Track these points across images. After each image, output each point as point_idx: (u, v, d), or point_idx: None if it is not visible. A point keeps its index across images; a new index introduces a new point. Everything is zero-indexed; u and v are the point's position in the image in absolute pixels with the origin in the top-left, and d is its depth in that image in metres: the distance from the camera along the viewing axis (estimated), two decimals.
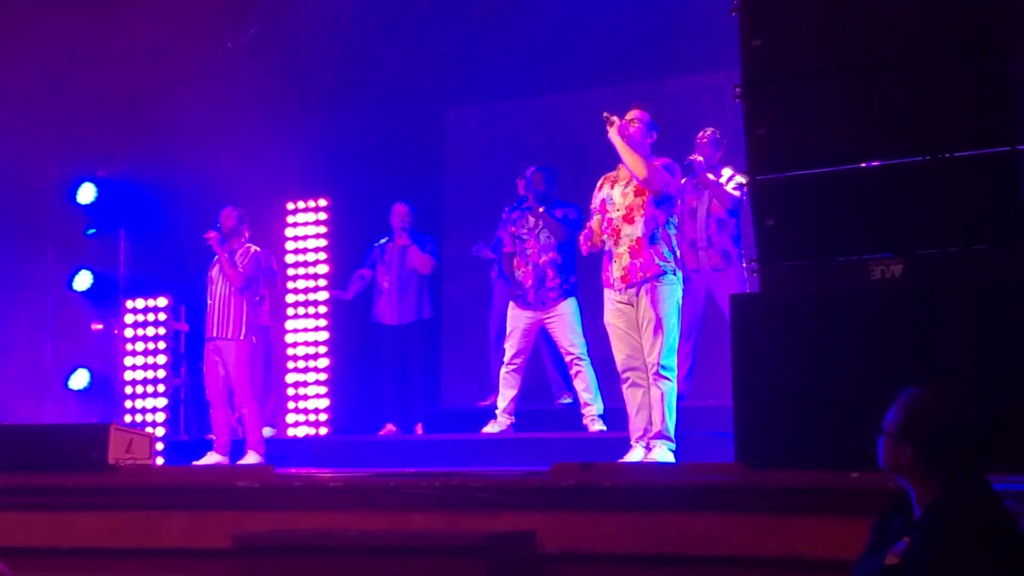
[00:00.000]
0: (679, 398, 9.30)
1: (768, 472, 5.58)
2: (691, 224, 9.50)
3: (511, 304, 9.47)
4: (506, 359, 9.37)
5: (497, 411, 9.32)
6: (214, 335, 9.86)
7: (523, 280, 9.33)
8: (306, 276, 11.53)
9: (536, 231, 9.36)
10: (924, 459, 3.79)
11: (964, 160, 5.60)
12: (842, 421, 5.43)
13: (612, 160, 7.93)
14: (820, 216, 5.94)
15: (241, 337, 9.82)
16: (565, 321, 9.22)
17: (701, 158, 9.39)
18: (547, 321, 9.29)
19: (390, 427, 10.40)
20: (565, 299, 9.24)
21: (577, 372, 9.16)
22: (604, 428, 8.99)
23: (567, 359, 9.28)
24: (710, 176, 9.38)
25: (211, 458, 9.66)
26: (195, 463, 9.60)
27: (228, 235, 9.98)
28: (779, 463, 5.61)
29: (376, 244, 10.73)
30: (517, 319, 9.37)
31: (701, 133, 9.63)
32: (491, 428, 9.30)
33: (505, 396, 9.33)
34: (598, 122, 7.82)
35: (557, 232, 9.23)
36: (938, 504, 3.75)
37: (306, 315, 11.53)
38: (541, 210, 9.30)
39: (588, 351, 9.19)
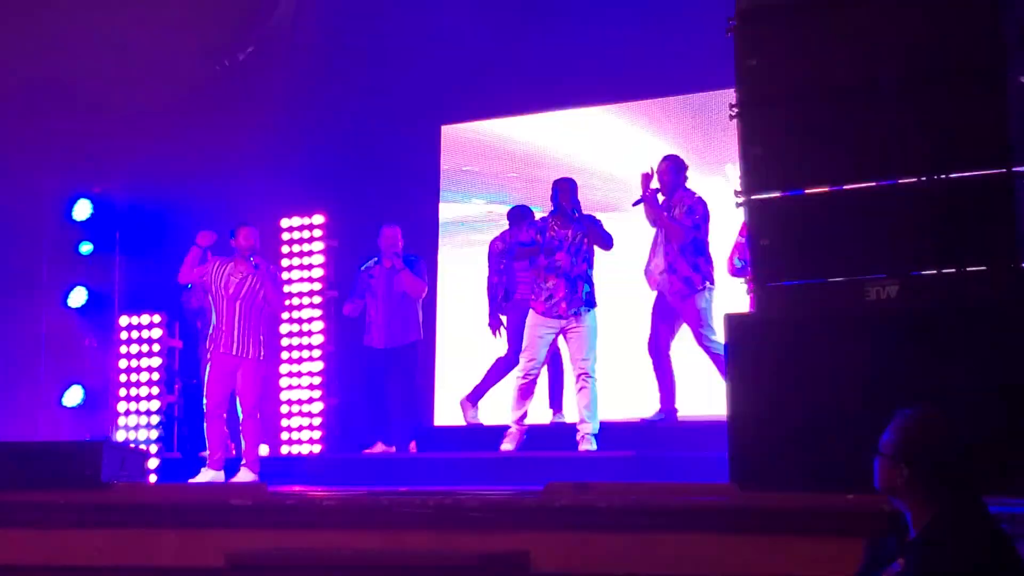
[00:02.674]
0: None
1: (763, 493, 5.57)
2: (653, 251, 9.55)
3: (533, 313, 9.40)
4: (523, 371, 9.33)
5: (511, 422, 9.29)
6: (234, 352, 9.70)
7: (554, 291, 9.29)
8: (300, 294, 11.55)
9: (568, 243, 9.33)
10: (920, 480, 3.79)
11: (960, 181, 5.61)
12: (837, 442, 5.42)
13: (605, 176, 7.94)
14: (815, 236, 5.94)
15: (261, 357, 9.77)
16: (584, 334, 9.19)
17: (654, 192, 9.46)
18: (569, 331, 9.25)
19: (380, 445, 10.36)
20: (590, 310, 9.23)
21: (582, 388, 9.12)
22: (594, 448, 8.96)
23: (576, 372, 9.22)
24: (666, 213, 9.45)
25: (206, 475, 9.61)
26: (191, 480, 9.57)
27: (252, 255, 9.86)
28: (774, 484, 5.60)
29: (362, 268, 10.64)
30: (539, 328, 9.33)
31: (661, 162, 9.60)
32: (507, 445, 9.25)
33: (520, 407, 9.31)
34: (591, 140, 7.83)
35: (606, 243, 9.29)
36: (933, 525, 3.75)
37: (301, 332, 11.54)
38: (592, 220, 9.35)
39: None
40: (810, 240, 5.95)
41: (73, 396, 11.62)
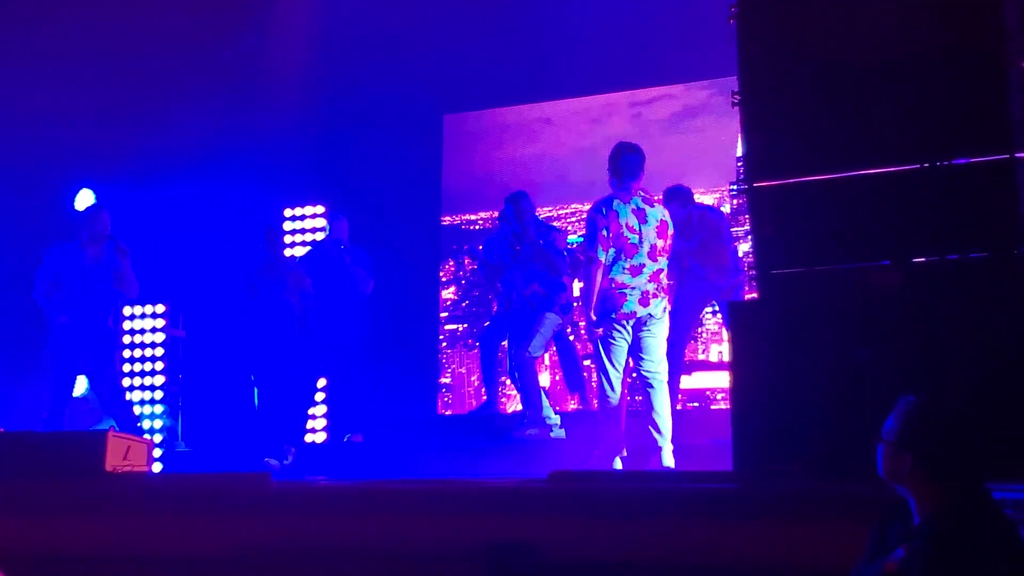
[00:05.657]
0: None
1: (766, 480, 5.57)
2: None
3: None
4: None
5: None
6: None
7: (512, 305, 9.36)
8: None
9: (521, 261, 9.30)
10: (923, 467, 3.79)
11: (962, 168, 5.60)
12: (841, 429, 5.42)
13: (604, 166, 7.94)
14: (818, 223, 5.93)
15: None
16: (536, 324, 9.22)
17: None
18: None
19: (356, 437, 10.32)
20: (542, 313, 9.21)
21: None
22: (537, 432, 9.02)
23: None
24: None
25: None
26: None
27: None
28: (777, 471, 5.61)
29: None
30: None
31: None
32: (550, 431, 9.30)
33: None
34: (592, 128, 7.82)
35: (555, 267, 9.19)
36: (937, 512, 3.75)
37: None
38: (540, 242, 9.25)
39: None
40: (812, 227, 5.94)
41: (78, 386, 11.60)
